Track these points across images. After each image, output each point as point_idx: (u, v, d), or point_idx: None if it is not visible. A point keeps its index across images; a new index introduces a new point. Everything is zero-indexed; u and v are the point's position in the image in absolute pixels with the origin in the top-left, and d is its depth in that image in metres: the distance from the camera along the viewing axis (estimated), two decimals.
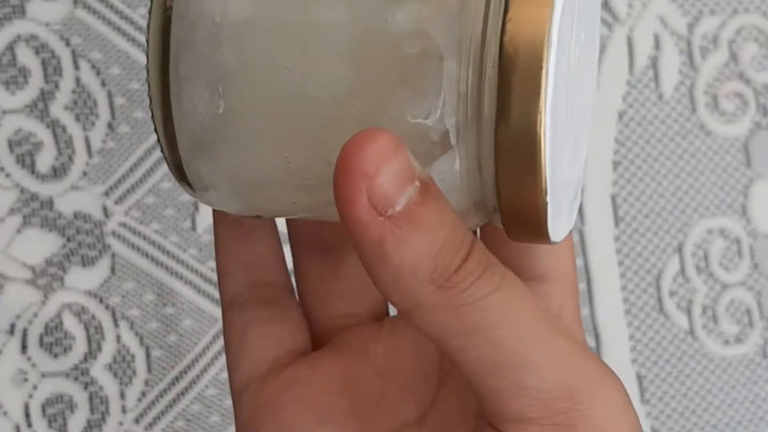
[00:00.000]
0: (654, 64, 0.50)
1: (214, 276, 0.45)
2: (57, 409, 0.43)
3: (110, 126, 0.45)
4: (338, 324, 0.29)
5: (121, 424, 0.44)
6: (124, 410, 0.44)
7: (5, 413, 0.43)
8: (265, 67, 0.23)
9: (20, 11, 0.44)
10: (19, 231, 0.43)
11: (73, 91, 0.44)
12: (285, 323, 0.29)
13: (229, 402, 0.44)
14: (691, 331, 0.49)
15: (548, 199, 0.22)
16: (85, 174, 0.44)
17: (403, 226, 0.21)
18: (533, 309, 0.23)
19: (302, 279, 0.30)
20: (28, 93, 0.44)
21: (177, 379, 0.44)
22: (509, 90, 0.21)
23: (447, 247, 0.22)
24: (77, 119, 0.44)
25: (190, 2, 0.23)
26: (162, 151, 0.25)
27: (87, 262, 0.44)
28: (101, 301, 0.44)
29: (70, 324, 0.43)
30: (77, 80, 0.45)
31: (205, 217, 0.45)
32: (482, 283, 0.22)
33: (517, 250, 0.26)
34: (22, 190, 0.44)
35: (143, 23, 0.46)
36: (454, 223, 0.22)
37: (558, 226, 0.23)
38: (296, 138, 0.23)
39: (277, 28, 0.23)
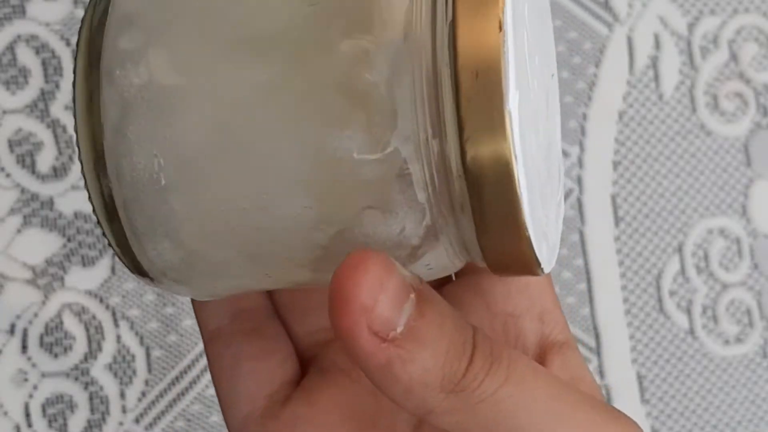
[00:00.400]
0: (654, 64, 0.50)
1: None
2: (57, 409, 0.43)
3: None
4: (320, 338, 0.28)
5: (121, 424, 0.44)
6: (124, 410, 0.44)
7: (5, 413, 0.43)
8: (221, 211, 0.22)
9: (20, 11, 0.44)
10: (19, 231, 0.43)
11: None
12: (274, 354, 0.28)
13: None
14: (691, 331, 0.49)
15: (541, 269, 0.22)
16: None
17: (408, 347, 0.21)
18: (544, 386, 0.23)
19: (277, 296, 0.29)
20: (29, 93, 0.44)
21: (177, 379, 0.44)
22: (482, 202, 0.20)
23: (452, 354, 0.21)
24: None
25: (123, 161, 0.22)
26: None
27: (87, 262, 0.44)
28: (101, 301, 0.44)
29: (71, 324, 0.43)
30: None
31: None
32: (491, 378, 0.22)
33: None
34: (23, 190, 0.44)
35: None
36: (455, 324, 0.22)
37: (548, 259, 0.23)
38: (272, 261, 0.22)
39: (223, 170, 0.21)
